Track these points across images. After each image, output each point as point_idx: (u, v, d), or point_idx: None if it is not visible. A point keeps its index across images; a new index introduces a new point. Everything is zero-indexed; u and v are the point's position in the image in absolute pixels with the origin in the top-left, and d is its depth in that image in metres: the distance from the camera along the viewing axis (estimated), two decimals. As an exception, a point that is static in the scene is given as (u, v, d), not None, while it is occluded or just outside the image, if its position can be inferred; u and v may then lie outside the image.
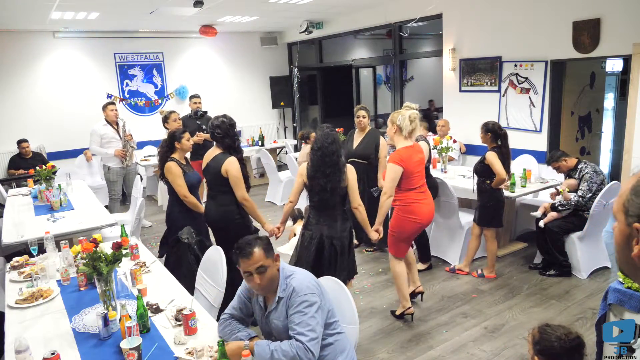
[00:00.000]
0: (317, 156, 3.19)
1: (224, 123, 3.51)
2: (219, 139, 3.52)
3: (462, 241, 4.65)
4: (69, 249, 3.06)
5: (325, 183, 3.16)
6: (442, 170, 5.49)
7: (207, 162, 3.56)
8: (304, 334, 1.97)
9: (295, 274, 2.15)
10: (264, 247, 2.08)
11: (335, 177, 3.17)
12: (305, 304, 2.02)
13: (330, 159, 3.16)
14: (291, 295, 2.06)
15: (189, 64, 9.14)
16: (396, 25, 7.46)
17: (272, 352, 1.95)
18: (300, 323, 1.99)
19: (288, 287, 2.09)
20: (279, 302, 2.10)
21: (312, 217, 3.31)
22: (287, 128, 10.34)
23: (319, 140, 3.21)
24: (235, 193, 3.49)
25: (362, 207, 3.33)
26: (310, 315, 2.00)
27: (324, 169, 3.16)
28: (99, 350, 2.14)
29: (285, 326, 2.08)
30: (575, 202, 4.20)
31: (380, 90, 10.85)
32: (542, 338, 1.84)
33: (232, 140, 3.54)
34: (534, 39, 5.53)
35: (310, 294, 2.04)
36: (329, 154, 3.16)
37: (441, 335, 3.51)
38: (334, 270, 3.23)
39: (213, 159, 3.53)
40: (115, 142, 6.00)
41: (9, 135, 7.39)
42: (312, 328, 1.99)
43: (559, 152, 4.42)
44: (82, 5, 6.01)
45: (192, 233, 3.61)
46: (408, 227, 3.58)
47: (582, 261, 4.28)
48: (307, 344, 1.95)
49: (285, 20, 8.36)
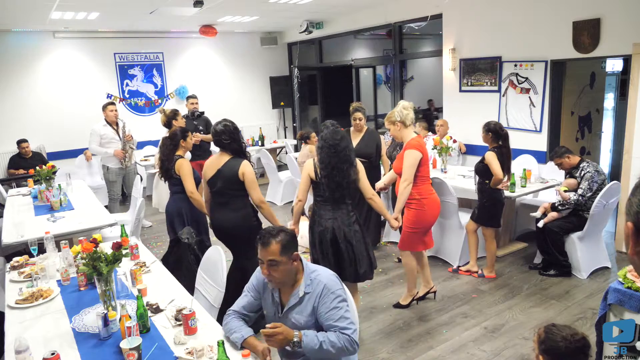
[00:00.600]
0: (330, 153, 3.19)
1: (228, 127, 3.45)
2: (227, 145, 3.44)
3: (462, 241, 4.65)
4: (69, 249, 3.06)
5: (341, 179, 3.18)
6: (442, 170, 5.49)
7: (218, 168, 3.44)
8: (347, 327, 2.06)
9: (319, 270, 2.20)
10: (283, 243, 2.09)
11: (350, 172, 3.21)
12: (339, 299, 2.10)
13: (344, 154, 3.19)
14: (322, 293, 2.10)
15: (189, 64, 9.14)
16: (396, 25, 7.46)
17: (321, 343, 2.02)
18: (340, 318, 2.07)
19: (315, 282, 2.13)
20: (303, 298, 2.14)
21: (323, 213, 3.29)
22: (287, 128, 10.34)
23: (329, 138, 3.21)
24: (251, 196, 3.45)
25: (376, 196, 3.38)
26: (345, 309, 2.10)
27: (340, 165, 3.18)
28: (99, 350, 2.14)
29: (307, 322, 2.12)
30: (575, 201, 4.20)
31: (380, 90, 10.85)
32: (548, 338, 1.84)
33: (239, 145, 3.48)
34: (534, 39, 5.53)
35: (340, 289, 2.13)
36: (342, 149, 3.19)
37: (441, 335, 3.51)
38: (356, 262, 3.27)
39: (225, 164, 3.43)
40: (115, 142, 6.00)
41: (9, 135, 7.39)
42: (352, 321, 2.11)
43: (563, 149, 4.39)
44: (82, 5, 6.02)
45: (192, 233, 3.62)
46: (429, 220, 3.73)
47: (582, 261, 4.28)
48: (352, 336, 2.06)
49: (285, 20, 8.36)
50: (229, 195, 3.46)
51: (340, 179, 3.17)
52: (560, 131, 5.72)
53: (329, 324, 2.08)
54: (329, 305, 2.08)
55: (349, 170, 3.19)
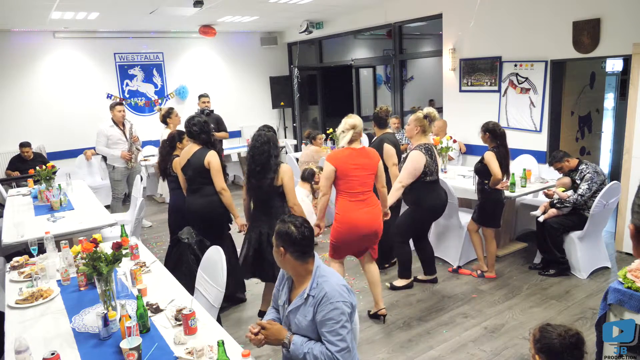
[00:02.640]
0: (248, 156, 3.49)
1: (199, 121, 3.87)
2: (196, 135, 3.84)
3: (462, 241, 4.65)
4: (69, 249, 3.06)
5: (260, 182, 3.41)
6: (442, 170, 5.49)
7: (188, 158, 3.84)
8: (334, 344, 1.99)
9: (329, 277, 2.11)
10: (276, 230, 2.15)
11: (268, 176, 3.40)
12: (337, 312, 2.00)
13: (260, 158, 3.40)
14: (322, 300, 2.03)
15: (189, 64, 9.14)
16: (396, 25, 7.46)
17: (305, 354, 2.02)
18: (332, 332, 2.00)
19: (319, 288, 2.07)
20: (307, 300, 2.09)
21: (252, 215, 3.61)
22: (287, 128, 10.34)
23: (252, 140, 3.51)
24: (215, 184, 3.77)
25: (297, 206, 3.49)
26: (341, 324, 2.00)
27: (258, 169, 3.41)
28: (99, 350, 2.14)
29: (308, 326, 2.08)
30: (574, 200, 4.21)
31: (380, 90, 10.84)
32: (543, 336, 1.85)
33: (208, 136, 3.88)
34: (534, 39, 5.53)
35: (342, 302, 2.02)
36: (260, 153, 3.41)
37: (441, 335, 3.51)
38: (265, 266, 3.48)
39: (194, 154, 3.82)
40: (122, 143, 5.99)
41: (9, 135, 7.39)
42: (343, 338, 2.00)
43: (561, 153, 4.42)
44: (82, 5, 6.02)
45: (192, 233, 3.62)
46: (340, 237, 3.61)
47: (582, 261, 4.28)
48: (337, 354, 1.99)
49: (285, 20, 8.36)
50: (199, 183, 3.82)
51: (258, 181, 3.42)
52: (560, 131, 5.72)
53: (321, 332, 2.04)
54: (325, 316, 2.01)
55: (267, 175, 3.40)
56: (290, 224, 2.13)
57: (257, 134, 3.51)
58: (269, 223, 3.38)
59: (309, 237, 2.14)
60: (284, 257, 2.13)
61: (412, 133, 4.00)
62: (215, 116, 6.85)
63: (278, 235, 2.14)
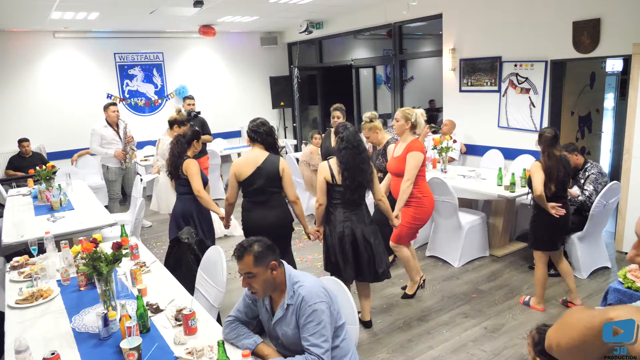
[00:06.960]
0: (353, 154, 3.25)
1: (265, 122, 3.47)
2: (264, 137, 3.40)
3: (461, 241, 4.65)
4: (69, 249, 3.06)
5: (363, 179, 3.27)
6: (442, 170, 5.49)
7: (258, 165, 3.36)
8: (319, 346, 1.95)
9: (303, 281, 2.10)
10: (256, 255, 2.03)
11: (370, 171, 3.32)
12: (316, 313, 1.99)
13: (365, 155, 3.30)
14: (301, 305, 2.02)
15: (189, 64, 9.14)
16: (396, 25, 7.46)
17: None
18: (315, 334, 1.97)
19: (296, 294, 2.05)
20: (287, 310, 2.07)
21: (338, 215, 3.33)
22: (287, 128, 10.34)
23: (352, 139, 3.27)
24: (287, 193, 3.45)
25: (385, 198, 3.48)
26: (323, 325, 1.98)
27: (362, 166, 3.26)
28: (99, 350, 2.14)
29: (295, 335, 2.05)
30: (581, 201, 4.21)
31: (380, 90, 10.84)
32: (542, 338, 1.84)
33: (274, 139, 3.49)
34: (534, 39, 5.53)
35: (320, 302, 2.01)
36: (363, 150, 3.29)
37: (441, 335, 3.51)
38: (375, 262, 3.36)
39: (266, 161, 3.37)
40: (116, 143, 5.99)
41: (9, 136, 7.39)
42: (326, 338, 1.98)
43: (573, 146, 4.37)
44: (82, 5, 6.01)
45: (192, 233, 3.62)
46: (427, 216, 3.92)
47: (582, 261, 4.28)
48: (323, 356, 1.94)
49: (285, 20, 8.35)
50: (269, 193, 3.41)
51: (362, 179, 3.26)
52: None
53: (303, 337, 2.00)
54: (306, 319, 1.99)
55: (368, 170, 3.30)
56: (256, 242, 2.08)
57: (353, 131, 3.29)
58: (357, 219, 3.31)
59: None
60: (277, 269, 2.08)
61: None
62: (201, 119, 6.67)
63: (264, 254, 2.04)
